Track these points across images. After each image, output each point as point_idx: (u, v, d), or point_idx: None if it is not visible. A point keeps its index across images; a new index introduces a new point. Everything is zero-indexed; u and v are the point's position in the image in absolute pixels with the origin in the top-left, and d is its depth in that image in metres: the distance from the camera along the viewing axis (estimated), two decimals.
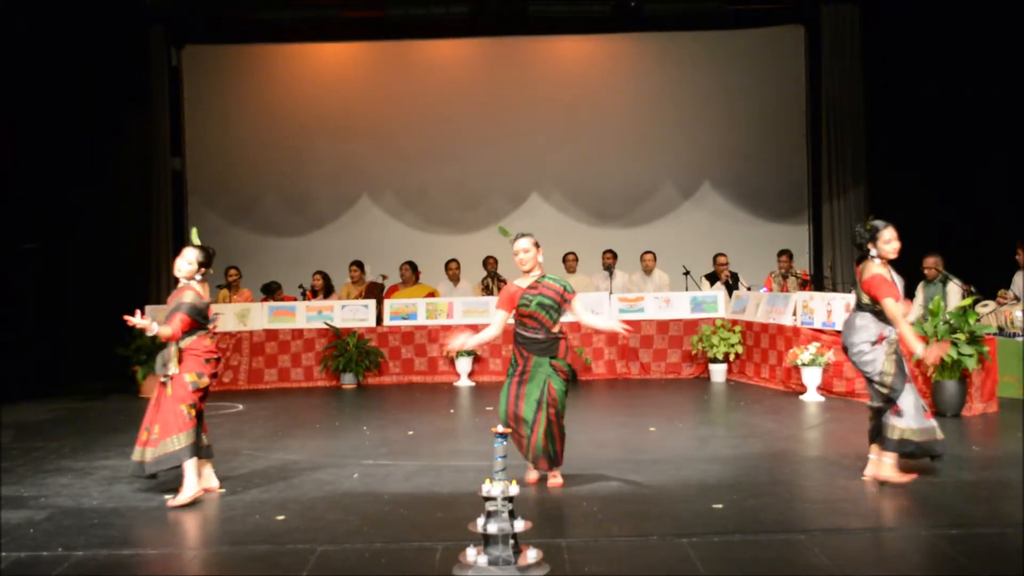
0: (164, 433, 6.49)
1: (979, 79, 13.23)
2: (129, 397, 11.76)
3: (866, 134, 14.87)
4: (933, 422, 6.54)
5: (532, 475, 6.82)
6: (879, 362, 6.53)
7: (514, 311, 6.72)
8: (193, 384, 6.54)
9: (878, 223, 6.74)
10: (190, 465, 6.50)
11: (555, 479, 6.74)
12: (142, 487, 6.87)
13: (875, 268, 6.62)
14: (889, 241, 6.65)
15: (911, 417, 6.45)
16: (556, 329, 6.72)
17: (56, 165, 13.71)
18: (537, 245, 6.77)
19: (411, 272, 13.57)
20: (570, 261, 13.61)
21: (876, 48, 14.61)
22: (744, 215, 15.54)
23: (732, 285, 13.20)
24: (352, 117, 15.65)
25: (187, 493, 6.45)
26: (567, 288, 6.76)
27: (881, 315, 6.57)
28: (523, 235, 6.83)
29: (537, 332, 6.66)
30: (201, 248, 6.76)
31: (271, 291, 13.50)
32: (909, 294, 11.77)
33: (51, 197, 13.65)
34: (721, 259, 13.55)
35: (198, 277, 6.72)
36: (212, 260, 6.82)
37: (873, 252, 6.68)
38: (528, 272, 6.75)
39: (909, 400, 6.49)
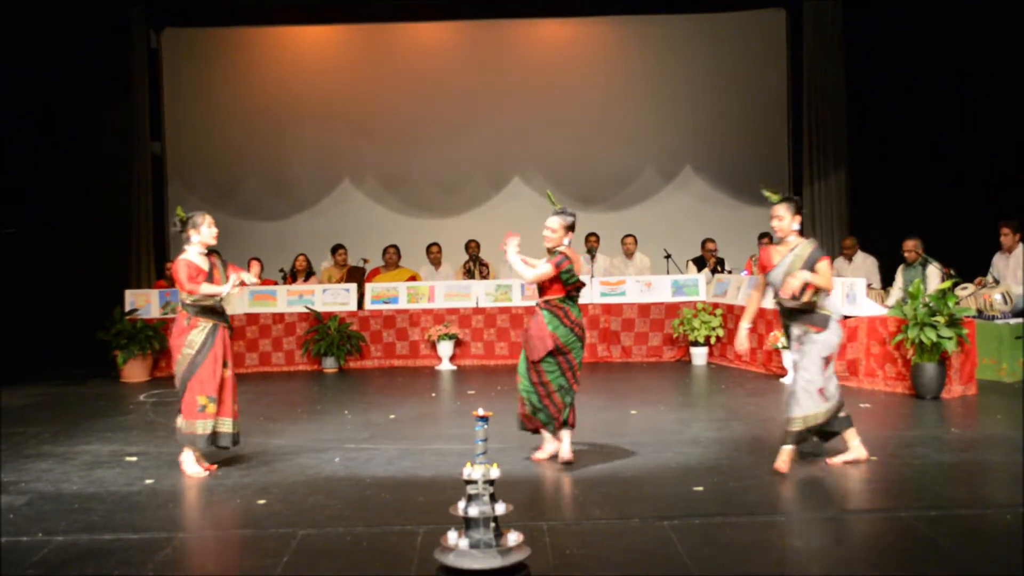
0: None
1: (960, 63, 13.25)
2: (110, 382, 11.73)
3: (847, 117, 14.92)
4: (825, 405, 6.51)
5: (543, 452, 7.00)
6: None
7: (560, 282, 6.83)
8: None
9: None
10: None
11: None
12: (123, 472, 6.87)
13: None
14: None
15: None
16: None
17: (34, 149, 13.61)
18: (569, 229, 6.85)
19: (396, 255, 13.56)
20: None
21: (857, 31, 14.64)
22: (726, 199, 15.57)
23: (718, 271, 13.19)
24: (333, 100, 15.58)
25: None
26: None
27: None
28: (559, 214, 6.85)
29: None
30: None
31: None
32: (889, 277, 11.89)
33: (29, 181, 13.55)
34: (710, 244, 13.53)
35: None
36: None
37: None
38: (549, 250, 6.82)
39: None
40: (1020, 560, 4.68)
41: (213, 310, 6.85)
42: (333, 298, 12.76)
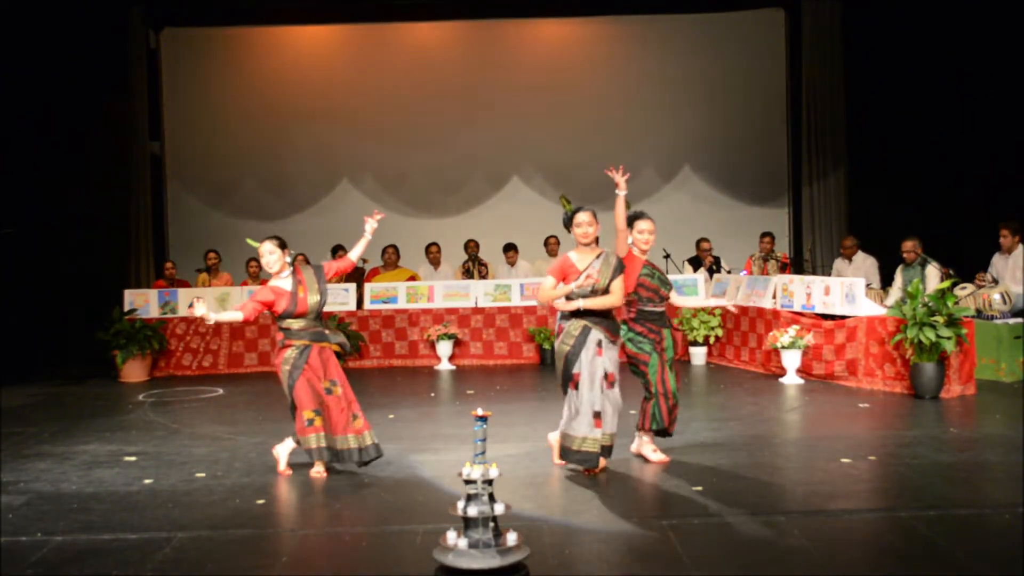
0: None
1: (960, 63, 13.25)
2: (108, 382, 11.72)
3: (845, 117, 14.94)
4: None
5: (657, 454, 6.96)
6: None
7: (635, 287, 7.07)
8: None
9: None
10: None
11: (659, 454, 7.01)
12: (122, 472, 6.86)
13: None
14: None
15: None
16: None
17: (34, 149, 13.60)
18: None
19: (395, 255, 13.56)
20: (552, 244, 13.58)
21: (856, 31, 14.65)
22: (725, 199, 15.59)
23: (715, 270, 13.21)
24: (332, 100, 15.59)
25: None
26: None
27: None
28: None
29: (659, 305, 7.12)
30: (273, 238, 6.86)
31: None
32: (888, 277, 11.89)
33: (28, 181, 13.55)
34: (704, 244, 13.57)
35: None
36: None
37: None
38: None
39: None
40: (1020, 560, 4.68)
41: (301, 331, 6.67)
42: (332, 298, 12.74)
